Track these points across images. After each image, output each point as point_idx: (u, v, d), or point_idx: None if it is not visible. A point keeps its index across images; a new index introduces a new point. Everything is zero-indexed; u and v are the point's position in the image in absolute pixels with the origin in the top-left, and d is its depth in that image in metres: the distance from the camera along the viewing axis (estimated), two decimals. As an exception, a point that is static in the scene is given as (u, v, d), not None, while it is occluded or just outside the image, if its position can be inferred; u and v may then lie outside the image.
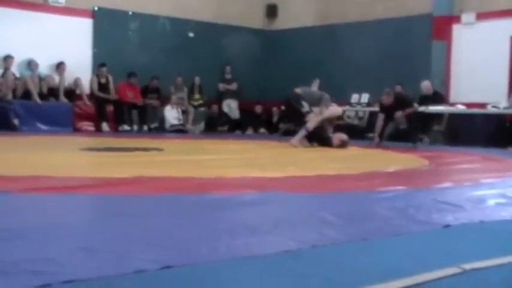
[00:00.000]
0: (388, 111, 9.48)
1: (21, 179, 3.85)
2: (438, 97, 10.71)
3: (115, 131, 11.61)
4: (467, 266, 1.92)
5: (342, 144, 8.27)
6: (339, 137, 8.41)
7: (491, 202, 3.41)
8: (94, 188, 3.57)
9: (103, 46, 12.21)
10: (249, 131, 13.31)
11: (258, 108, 13.60)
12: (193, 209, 2.94)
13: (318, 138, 8.38)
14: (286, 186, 3.96)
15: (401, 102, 9.47)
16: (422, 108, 9.81)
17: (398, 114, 9.34)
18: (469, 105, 10.52)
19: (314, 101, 8.45)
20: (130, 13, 12.64)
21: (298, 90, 8.60)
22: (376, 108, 11.31)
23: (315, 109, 8.38)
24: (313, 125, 8.26)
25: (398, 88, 10.76)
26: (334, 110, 8.81)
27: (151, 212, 2.85)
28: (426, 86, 10.70)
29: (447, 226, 2.66)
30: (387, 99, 9.53)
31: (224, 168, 5.05)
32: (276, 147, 8.31)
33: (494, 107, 10.01)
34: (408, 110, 9.39)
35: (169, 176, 4.26)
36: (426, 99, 10.32)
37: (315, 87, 9.09)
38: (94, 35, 12.22)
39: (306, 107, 8.38)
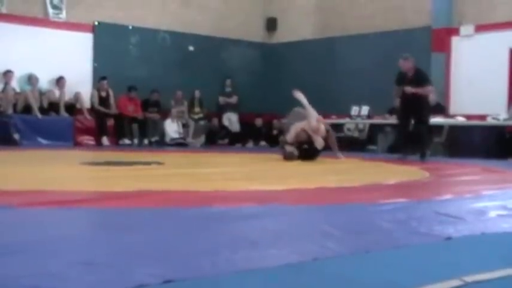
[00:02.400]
0: (404, 80, 8.60)
1: (22, 194, 3.84)
2: (440, 109, 10.74)
3: (115, 145, 11.61)
4: (469, 279, 1.92)
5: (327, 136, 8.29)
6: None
7: (493, 214, 3.40)
8: (94, 202, 3.56)
9: (103, 60, 12.24)
10: (250, 144, 13.32)
11: (259, 121, 13.60)
12: (194, 223, 2.93)
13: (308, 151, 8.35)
14: (287, 199, 3.96)
15: (420, 76, 8.67)
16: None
17: (408, 89, 8.53)
18: (469, 117, 10.54)
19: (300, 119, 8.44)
20: (130, 27, 12.69)
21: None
22: (376, 121, 11.33)
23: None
24: (291, 137, 8.23)
25: (398, 101, 10.74)
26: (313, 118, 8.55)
27: (152, 226, 2.84)
28: (432, 97, 10.71)
29: (448, 238, 2.65)
30: (406, 64, 8.64)
31: (225, 181, 5.05)
32: (276, 160, 8.30)
33: (494, 118, 10.02)
34: (420, 91, 8.56)
35: (169, 190, 4.25)
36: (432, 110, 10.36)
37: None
38: (94, 50, 12.26)
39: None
